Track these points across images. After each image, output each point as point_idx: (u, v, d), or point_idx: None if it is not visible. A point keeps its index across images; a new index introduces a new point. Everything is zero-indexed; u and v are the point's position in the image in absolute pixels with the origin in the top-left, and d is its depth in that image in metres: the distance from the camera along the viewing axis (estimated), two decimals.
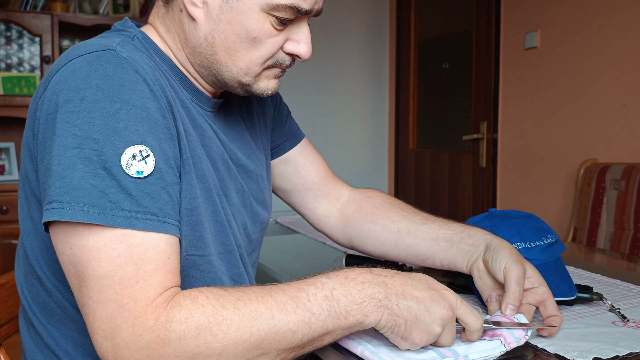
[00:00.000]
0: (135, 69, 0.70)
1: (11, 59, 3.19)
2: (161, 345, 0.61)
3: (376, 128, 4.01)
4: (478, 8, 3.18)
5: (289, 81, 3.69)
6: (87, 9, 3.31)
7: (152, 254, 0.65)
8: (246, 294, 0.66)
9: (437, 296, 0.72)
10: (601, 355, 0.74)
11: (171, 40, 0.83)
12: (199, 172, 0.79)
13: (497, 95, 3.06)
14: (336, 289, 0.69)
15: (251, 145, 0.96)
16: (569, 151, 2.66)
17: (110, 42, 0.73)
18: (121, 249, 0.63)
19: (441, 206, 3.53)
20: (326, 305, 0.68)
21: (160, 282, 0.65)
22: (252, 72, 0.81)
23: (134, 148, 0.66)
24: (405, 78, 3.82)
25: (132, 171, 0.65)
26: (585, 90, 2.57)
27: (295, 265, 1.37)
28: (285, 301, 0.66)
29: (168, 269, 0.66)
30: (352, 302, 0.68)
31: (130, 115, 0.67)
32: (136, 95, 0.68)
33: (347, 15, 3.85)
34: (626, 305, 0.95)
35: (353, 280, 0.70)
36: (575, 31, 2.62)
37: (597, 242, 2.34)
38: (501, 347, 0.74)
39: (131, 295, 0.62)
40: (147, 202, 0.66)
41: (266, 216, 0.98)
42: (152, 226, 0.65)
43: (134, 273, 0.63)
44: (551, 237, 1.00)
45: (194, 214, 0.76)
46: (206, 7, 0.77)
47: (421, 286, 0.72)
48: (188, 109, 0.82)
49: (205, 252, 0.80)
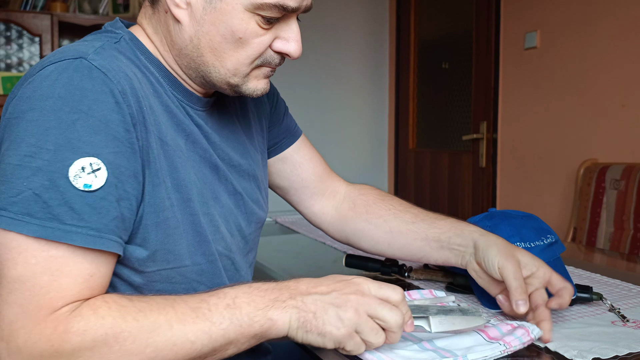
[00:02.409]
0: (103, 79, 0.68)
1: (11, 59, 3.19)
2: (54, 355, 0.61)
3: (376, 128, 4.01)
4: (478, 8, 3.18)
5: (289, 81, 3.69)
6: (87, 9, 3.31)
7: (73, 268, 0.64)
8: (149, 305, 0.66)
9: (343, 284, 0.71)
10: (601, 355, 0.74)
11: (159, 41, 0.82)
12: (175, 182, 0.77)
13: (496, 95, 3.06)
14: (239, 297, 0.68)
15: (245, 144, 0.95)
16: (568, 151, 2.66)
17: (88, 47, 0.72)
18: (41, 258, 0.63)
19: (441, 206, 3.53)
20: (227, 313, 0.67)
21: (73, 297, 0.64)
22: (240, 73, 0.80)
23: (84, 160, 0.65)
24: (405, 78, 3.83)
25: (80, 184, 0.64)
26: (585, 90, 2.57)
27: (295, 265, 1.37)
28: (186, 312, 0.66)
29: (87, 285, 0.66)
30: (256, 309, 0.68)
31: (87, 126, 0.66)
32: (97, 106, 0.67)
33: (347, 15, 3.85)
34: (626, 305, 0.95)
35: (257, 289, 0.70)
36: (575, 31, 2.62)
37: (596, 242, 2.34)
38: (501, 347, 0.74)
39: (38, 303, 0.62)
40: (90, 217, 0.65)
41: (262, 215, 0.97)
42: (93, 242, 0.65)
43: (47, 283, 0.63)
44: (551, 237, 1.00)
45: (163, 227, 0.75)
46: (190, 9, 0.76)
47: (328, 282, 0.72)
48: (173, 114, 0.80)
49: (177, 265, 0.78)
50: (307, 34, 4.49)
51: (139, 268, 0.75)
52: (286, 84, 3.73)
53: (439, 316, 0.77)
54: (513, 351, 0.75)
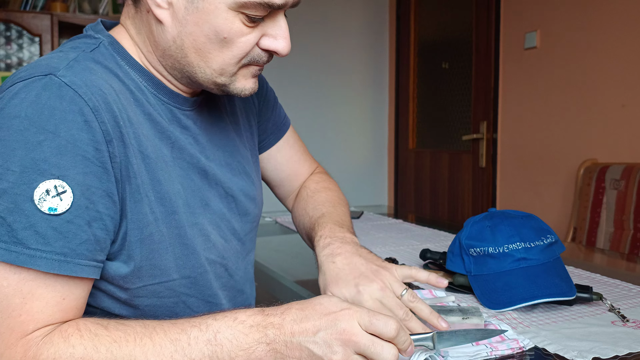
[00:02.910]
0: (72, 97, 0.66)
1: (11, 59, 3.19)
2: None
3: (376, 128, 4.01)
4: (478, 8, 3.18)
5: (289, 81, 3.69)
6: (87, 9, 3.31)
7: (44, 291, 0.63)
8: (125, 335, 0.64)
9: (331, 320, 0.65)
10: (601, 355, 0.74)
11: (142, 42, 0.79)
12: (159, 195, 0.75)
13: (496, 95, 3.06)
14: (221, 332, 0.65)
15: (235, 141, 0.93)
16: (568, 151, 2.66)
17: (60, 62, 0.69)
18: (12, 280, 0.62)
19: (441, 206, 3.53)
20: (207, 350, 0.64)
21: (46, 320, 0.63)
22: (227, 73, 0.77)
23: (49, 183, 0.63)
24: (405, 78, 3.83)
25: (45, 207, 0.62)
26: (585, 90, 2.57)
27: (295, 265, 1.37)
28: (164, 345, 0.63)
29: (60, 308, 0.64)
30: (238, 348, 0.64)
31: (53, 147, 0.63)
32: (65, 125, 0.64)
33: (347, 15, 3.85)
34: (626, 305, 0.95)
35: (242, 324, 0.66)
36: (575, 31, 2.62)
37: (596, 242, 2.34)
38: (487, 349, 0.75)
39: (9, 325, 0.61)
40: (55, 242, 0.63)
41: (256, 212, 0.96)
42: (58, 267, 0.63)
43: (19, 306, 0.62)
44: (551, 237, 1.00)
45: (147, 242, 0.73)
46: (172, 9, 0.73)
47: (314, 315, 0.66)
48: (155, 122, 0.77)
49: (164, 279, 0.76)
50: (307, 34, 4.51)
51: (124, 285, 0.74)
52: (286, 83, 3.73)
53: (445, 339, 0.72)
54: (500, 355, 0.76)
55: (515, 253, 0.96)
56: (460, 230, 1.06)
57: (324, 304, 0.67)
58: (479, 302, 0.98)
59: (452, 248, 1.08)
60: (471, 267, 1.01)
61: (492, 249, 0.98)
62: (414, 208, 3.78)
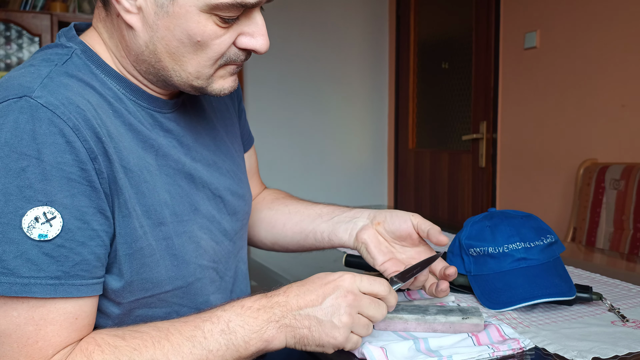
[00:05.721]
0: (51, 119, 0.63)
1: (10, 59, 3.19)
2: None
3: (376, 128, 4.01)
4: (478, 8, 3.18)
5: (288, 81, 3.69)
6: (87, 9, 3.31)
7: (55, 315, 0.63)
8: (143, 341, 0.65)
9: (331, 288, 0.71)
10: (600, 355, 0.74)
11: (114, 47, 0.76)
12: (145, 209, 0.73)
13: (496, 95, 3.06)
14: (232, 320, 0.69)
15: (220, 137, 0.92)
16: (568, 151, 2.66)
17: (33, 80, 0.67)
18: (22, 309, 0.62)
19: (441, 206, 3.54)
20: (223, 340, 0.68)
21: (63, 342, 0.64)
22: (203, 75, 0.75)
23: (38, 210, 0.62)
24: (405, 78, 3.83)
25: (35, 234, 0.61)
26: (585, 90, 2.58)
27: (295, 265, 1.37)
28: (182, 343, 0.66)
29: (74, 328, 0.65)
30: (251, 332, 0.69)
31: (37, 173, 0.62)
32: (47, 149, 0.62)
33: (347, 15, 3.85)
34: (625, 305, 0.95)
35: (249, 309, 0.70)
36: (575, 31, 2.62)
37: (596, 242, 2.34)
38: (489, 350, 0.75)
39: (28, 353, 0.62)
40: (49, 267, 0.62)
41: (245, 209, 0.95)
42: (54, 291, 0.63)
43: (34, 333, 0.62)
44: (551, 237, 1.00)
45: (137, 257, 0.72)
46: (141, 13, 0.71)
47: (314, 287, 0.72)
48: (137, 131, 0.75)
49: (156, 292, 0.76)
50: (307, 34, 4.50)
51: (116, 299, 0.74)
52: (285, 84, 3.73)
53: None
54: (501, 355, 0.76)
55: (515, 253, 0.96)
56: (460, 230, 1.06)
57: (320, 276, 0.74)
58: (479, 302, 0.98)
59: (451, 248, 1.08)
60: (471, 267, 1.01)
61: (492, 249, 0.98)
62: (414, 208, 3.77)
